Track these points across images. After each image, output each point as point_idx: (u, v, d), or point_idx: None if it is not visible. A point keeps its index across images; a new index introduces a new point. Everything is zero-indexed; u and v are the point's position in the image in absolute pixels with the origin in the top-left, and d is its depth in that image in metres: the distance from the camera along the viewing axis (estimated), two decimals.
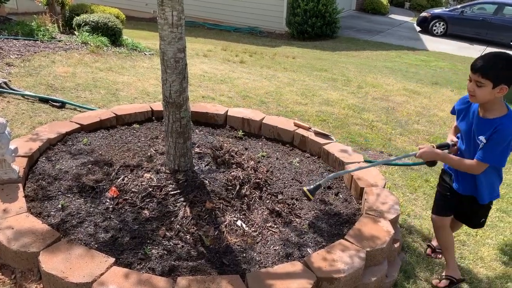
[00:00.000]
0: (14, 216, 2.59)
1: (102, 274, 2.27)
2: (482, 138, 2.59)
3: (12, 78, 4.94)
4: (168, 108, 3.08)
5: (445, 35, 17.18)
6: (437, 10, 18.49)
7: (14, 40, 6.20)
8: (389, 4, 21.73)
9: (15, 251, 2.36)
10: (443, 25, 17.28)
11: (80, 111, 4.49)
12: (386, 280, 2.86)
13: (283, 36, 16.00)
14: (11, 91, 4.51)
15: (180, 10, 2.85)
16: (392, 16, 21.09)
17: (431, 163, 2.88)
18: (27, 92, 4.55)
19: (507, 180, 4.83)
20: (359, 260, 2.59)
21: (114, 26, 8.08)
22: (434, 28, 17.46)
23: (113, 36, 8.02)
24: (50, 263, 2.29)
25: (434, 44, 15.79)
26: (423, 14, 18.21)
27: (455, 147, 2.91)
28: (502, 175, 2.87)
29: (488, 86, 2.48)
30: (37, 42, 6.55)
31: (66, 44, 6.84)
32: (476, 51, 15.03)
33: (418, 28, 18.26)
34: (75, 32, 7.87)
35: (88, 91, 5.06)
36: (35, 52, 5.95)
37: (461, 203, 2.96)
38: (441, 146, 2.88)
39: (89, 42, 7.22)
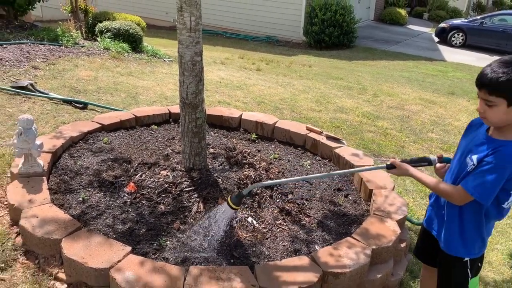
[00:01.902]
0: (38, 206, 2.76)
1: (119, 261, 2.41)
2: (474, 157, 1.95)
3: (38, 80, 5.17)
4: (185, 109, 3.24)
5: (464, 46, 17.10)
6: (456, 21, 18.43)
7: (40, 45, 6.46)
8: (407, 15, 21.72)
9: (39, 238, 2.52)
10: (462, 36, 17.22)
11: (101, 112, 4.68)
12: (392, 278, 2.94)
13: (300, 45, 16.16)
14: (36, 92, 4.74)
15: (198, 15, 3.01)
16: (410, 26, 21.08)
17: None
18: (51, 94, 4.77)
19: None
20: (365, 257, 2.68)
21: (135, 33, 8.33)
22: (452, 39, 17.40)
23: (134, 42, 8.26)
24: (72, 249, 2.44)
25: (452, 54, 15.74)
26: (442, 24, 18.17)
27: (441, 164, 2.29)
28: (492, 230, 2.18)
29: (502, 105, 1.84)
30: (61, 47, 6.81)
31: (89, 50, 7.09)
32: None
33: (436, 39, 18.22)
34: (98, 38, 8.13)
35: (109, 94, 5.27)
36: (60, 57, 6.20)
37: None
38: (417, 161, 2.29)
39: (110, 48, 7.47)
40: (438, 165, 2.28)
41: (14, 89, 4.67)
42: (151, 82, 6.21)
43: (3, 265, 2.46)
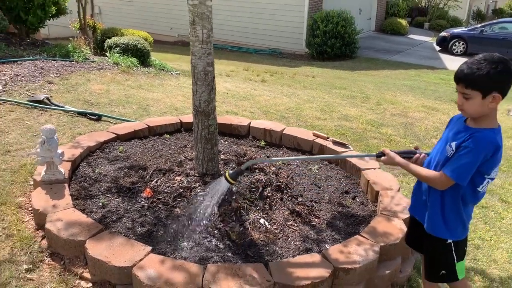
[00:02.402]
0: (62, 210, 2.91)
1: (141, 260, 2.55)
2: (453, 144, 2.16)
3: (53, 94, 5.35)
4: (198, 117, 3.40)
5: (465, 54, 17.29)
6: (456, 30, 18.66)
7: (52, 61, 6.67)
8: (408, 25, 21.98)
9: (64, 239, 2.67)
10: (462, 44, 17.43)
11: (114, 123, 4.85)
12: (400, 274, 3.06)
13: (303, 56, 16.40)
14: (52, 106, 4.92)
15: (209, 28, 3.18)
16: (412, 36, 21.33)
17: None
18: (66, 107, 4.95)
19: None
20: (373, 253, 2.80)
21: (143, 48, 8.55)
22: (453, 47, 17.61)
23: (142, 57, 8.48)
24: (96, 249, 2.58)
25: (453, 63, 15.92)
26: (443, 33, 18.40)
27: (420, 156, 2.43)
28: (471, 213, 2.36)
29: (477, 98, 2.05)
30: (72, 62, 7.02)
31: (99, 65, 7.29)
32: None
33: (437, 48, 18.44)
34: (107, 53, 8.35)
35: (121, 106, 5.45)
36: (72, 72, 6.40)
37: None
38: (404, 153, 2.46)
39: (120, 63, 7.67)
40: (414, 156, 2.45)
41: (31, 103, 4.85)
42: (161, 94, 6.40)
43: (31, 266, 2.60)
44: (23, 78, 5.57)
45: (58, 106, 4.92)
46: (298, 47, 16.57)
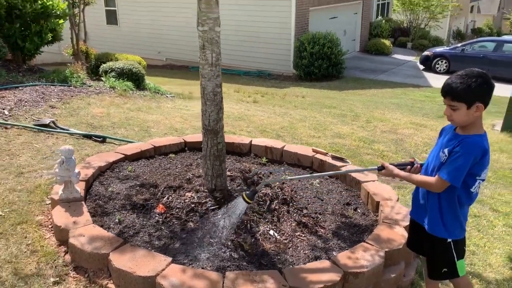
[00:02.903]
0: (83, 226, 3.05)
1: (163, 270, 2.70)
2: (445, 150, 2.41)
3: (57, 118, 5.50)
4: (207, 135, 3.59)
5: (448, 72, 17.81)
6: (439, 49, 19.27)
7: (51, 86, 6.83)
8: (391, 45, 22.59)
9: (89, 253, 2.80)
10: (445, 63, 17.98)
11: (119, 144, 5.01)
12: (404, 278, 3.24)
13: (291, 78, 16.75)
14: (58, 129, 5.06)
15: (218, 52, 3.41)
16: (395, 56, 21.91)
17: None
18: (72, 130, 5.10)
19: None
20: (379, 258, 2.99)
21: (138, 71, 8.76)
22: (437, 66, 18.16)
23: (137, 81, 8.68)
24: (120, 261, 2.73)
25: (437, 81, 16.40)
26: (426, 53, 18.98)
27: (417, 166, 2.66)
28: (466, 215, 2.59)
29: (462, 108, 2.31)
30: (71, 87, 7.18)
31: (96, 89, 7.46)
32: None
33: (421, 67, 18.98)
34: (102, 78, 8.53)
35: (123, 128, 5.61)
36: (72, 96, 6.56)
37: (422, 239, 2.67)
38: (403, 165, 2.70)
39: (116, 87, 7.86)
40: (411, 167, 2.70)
41: (38, 127, 4.99)
42: (159, 116, 6.58)
43: (57, 279, 2.73)
44: (26, 103, 5.72)
45: (64, 129, 5.07)
46: (286, 69, 16.94)
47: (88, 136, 5.04)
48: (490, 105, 2.50)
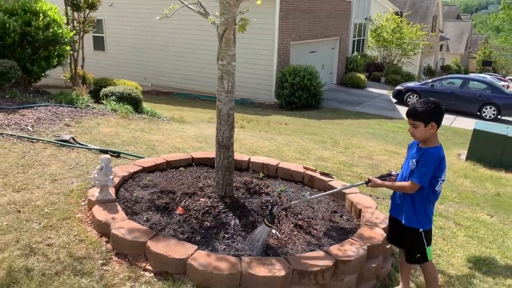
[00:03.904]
0: (120, 221, 3.68)
1: (192, 254, 3.34)
2: (414, 161, 3.20)
3: (75, 135, 6.10)
4: (220, 149, 4.29)
5: None
6: (410, 84, 20.61)
7: (61, 107, 7.42)
8: (366, 79, 23.91)
9: (130, 241, 3.43)
10: (416, 97, 19.24)
11: (132, 159, 5.64)
12: (382, 270, 3.96)
13: (272, 106, 17.65)
14: (77, 144, 5.67)
15: (233, 82, 4.15)
16: (370, 89, 23.21)
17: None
18: (90, 145, 5.71)
19: (474, 216, 6.07)
20: (363, 250, 3.70)
21: (137, 96, 9.44)
22: (408, 99, 19.41)
23: (135, 104, 9.35)
24: (156, 247, 3.36)
25: None
26: (398, 87, 20.27)
27: (394, 177, 3.49)
28: (433, 210, 3.39)
29: (421, 126, 3.12)
30: (77, 108, 7.78)
31: (100, 111, 8.09)
32: (447, 119, 16.76)
33: (394, 100, 20.22)
34: (103, 101, 9.16)
35: (133, 146, 6.25)
36: (81, 116, 7.18)
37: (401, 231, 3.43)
38: (383, 176, 3.56)
39: (117, 109, 8.50)
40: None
41: (60, 142, 5.59)
42: (162, 137, 7.24)
43: (104, 261, 3.33)
44: (44, 121, 6.30)
45: (83, 144, 5.68)
46: (268, 98, 17.86)
47: (105, 151, 5.65)
48: (457, 136, 3.43)
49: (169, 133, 7.66)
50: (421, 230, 3.31)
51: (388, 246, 4.19)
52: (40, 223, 3.67)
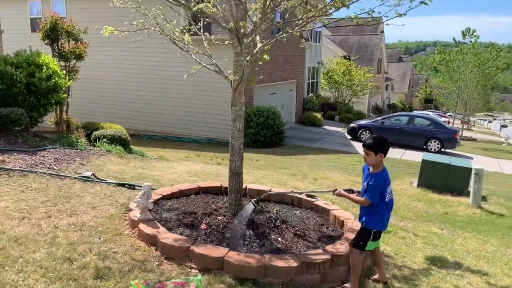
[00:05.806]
0: (164, 233, 4.69)
1: (226, 254, 4.40)
2: (365, 183, 4.28)
3: (93, 172, 7.01)
4: (233, 176, 5.41)
5: None
6: (362, 122, 22.56)
7: (65, 149, 8.29)
8: (322, 118, 25.78)
9: (177, 247, 4.44)
10: (368, 133, 21.09)
11: None
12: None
13: None
14: (97, 179, 6.60)
15: (243, 122, 5.34)
16: (326, 127, 25.04)
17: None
18: (108, 180, 6.65)
19: (428, 229, 7.42)
20: None
21: (126, 137, 10.40)
22: (362, 136, 21.22)
23: (125, 145, 10.28)
24: (198, 250, 4.40)
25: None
26: (352, 125, 22.14)
27: (356, 193, 4.54)
28: (384, 219, 4.41)
29: (372, 155, 4.18)
30: (77, 150, 8.66)
31: (97, 152, 8.98)
32: (397, 153, 18.61)
33: (348, 136, 22.01)
34: (95, 143, 10.04)
35: (140, 180, 7.22)
36: (88, 157, 8.07)
37: None
38: (347, 190, 4.61)
39: (111, 150, 9.42)
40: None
41: (83, 178, 6.49)
42: (160, 173, 8.24)
43: (158, 262, 4.32)
44: (62, 161, 7.16)
45: (103, 180, 6.61)
46: None
47: (122, 185, 6.61)
48: (408, 167, 4.81)
49: (165, 170, 8.67)
50: (372, 229, 4.40)
51: None
52: (100, 238, 4.61)
